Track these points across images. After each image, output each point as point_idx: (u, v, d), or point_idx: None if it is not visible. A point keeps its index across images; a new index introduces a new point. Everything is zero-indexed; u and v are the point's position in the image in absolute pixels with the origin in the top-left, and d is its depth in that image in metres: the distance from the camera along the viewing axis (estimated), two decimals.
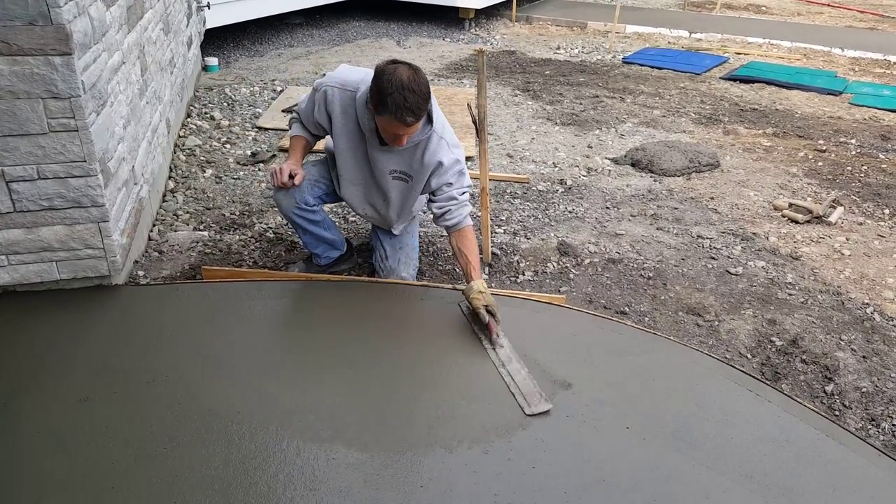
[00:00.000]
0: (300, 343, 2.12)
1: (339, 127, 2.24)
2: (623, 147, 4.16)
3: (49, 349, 2.02)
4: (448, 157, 2.20)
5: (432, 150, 2.18)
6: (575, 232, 3.09)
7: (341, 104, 2.19)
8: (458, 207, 2.25)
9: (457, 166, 2.24)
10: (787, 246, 3.07)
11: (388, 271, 2.50)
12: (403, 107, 1.93)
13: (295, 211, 2.38)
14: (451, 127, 2.30)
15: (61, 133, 2.03)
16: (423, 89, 1.97)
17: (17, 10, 1.85)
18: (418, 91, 1.95)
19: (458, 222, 2.25)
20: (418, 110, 1.97)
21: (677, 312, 2.54)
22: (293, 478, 1.62)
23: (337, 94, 2.19)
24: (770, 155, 4.14)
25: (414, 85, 1.94)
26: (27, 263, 2.18)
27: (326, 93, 2.21)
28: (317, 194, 2.42)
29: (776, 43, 7.05)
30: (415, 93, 1.94)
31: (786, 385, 2.21)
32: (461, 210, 2.25)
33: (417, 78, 1.96)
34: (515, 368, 2.01)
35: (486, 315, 2.11)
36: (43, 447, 1.68)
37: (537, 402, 1.87)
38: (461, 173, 2.26)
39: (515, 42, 7.00)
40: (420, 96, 1.95)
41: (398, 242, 2.53)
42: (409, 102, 1.93)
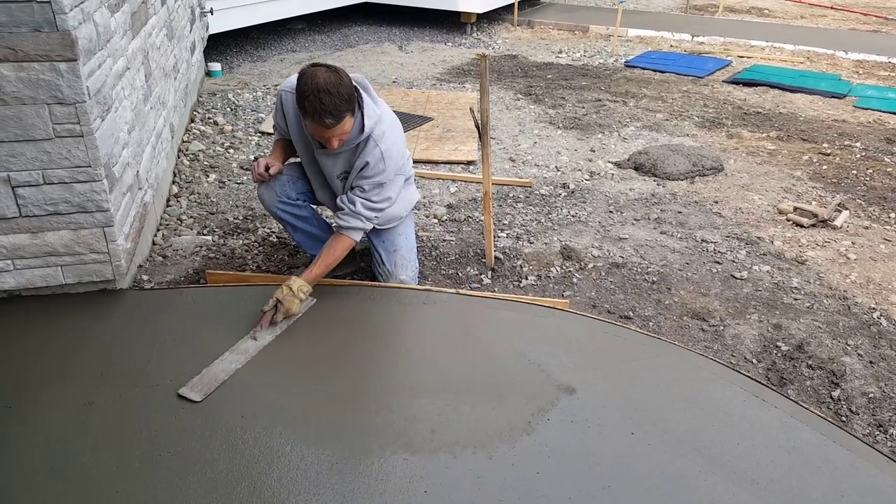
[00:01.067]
0: (303, 347, 2.12)
1: (295, 131, 2.29)
2: (626, 151, 4.16)
3: (54, 353, 2.03)
4: (374, 161, 2.17)
5: (365, 152, 2.18)
6: (578, 236, 3.08)
7: (294, 108, 2.20)
8: (351, 216, 2.21)
9: (378, 177, 2.19)
10: (792, 250, 3.06)
11: (387, 276, 2.50)
12: (320, 109, 1.97)
13: (278, 205, 2.40)
14: (400, 144, 2.26)
15: (67, 138, 2.04)
16: (340, 90, 1.98)
17: (24, 17, 1.86)
18: (335, 93, 1.96)
19: (339, 226, 2.25)
20: (336, 111, 1.98)
21: (682, 317, 2.54)
22: (297, 482, 1.62)
23: (290, 98, 2.22)
24: (774, 158, 4.13)
25: (331, 87, 1.96)
26: (32, 268, 2.19)
27: (282, 97, 2.27)
28: (300, 189, 2.43)
29: (779, 46, 7.04)
30: (331, 94, 1.96)
31: (792, 390, 2.19)
32: (352, 220, 2.21)
33: (335, 79, 1.98)
34: (229, 360, 1.98)
35: (271, 304, 2.11)
36: (47, 451, 1.68)
37: (196, 391, 1.85)
38: (379, 187, 2.20)
39: (517, 46, 7.01)
40: (337, 97, 1.97)
41: (391, 245, 2.51)
42: (325, 104, 1.96)
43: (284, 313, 2.13)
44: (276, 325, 2.13)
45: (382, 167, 2.18)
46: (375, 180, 2.19)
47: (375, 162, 2.17)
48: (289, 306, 2.12)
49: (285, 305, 2.11)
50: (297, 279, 2.17)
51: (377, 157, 2.16)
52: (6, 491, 1.57)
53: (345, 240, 2.24)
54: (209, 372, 1.92)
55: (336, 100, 1.97)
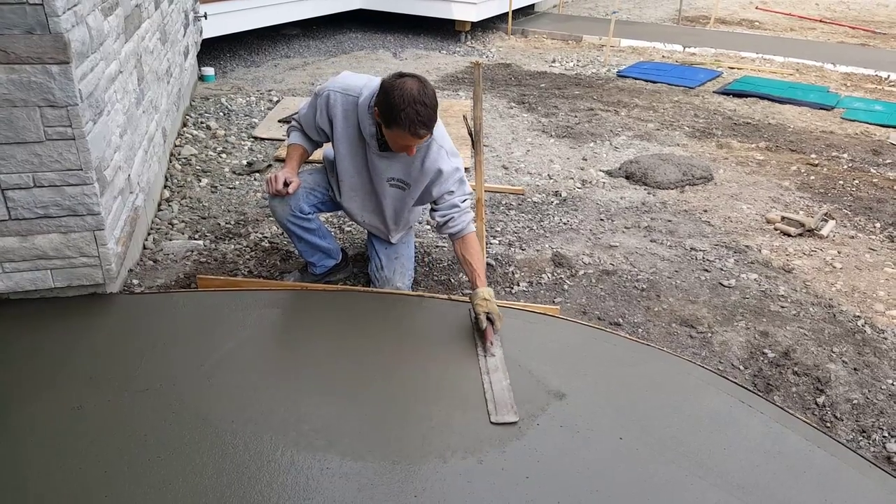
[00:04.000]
0: (295, 352, 2.12)
1: (341, 132, 2.26)
2: (617, 160, 4.19)
3: (43, 357, 2.01)
4: (448, 165, 2.22)
5: (432, 158, 2.20)
6: (569, 243, 3.11)
7: (343, 109, 2.21)
8: (460, 214, 2.26)
9: (457, 174, 2.25)
10: (779, 259, 3.09)
11: (384, 281, 2.51)
12: (416, 121, 1.96)
13: (290, 219, 2.39)
14: (449, 136, 2.31)
15: (58, 141, 2.03)
16: (432, 101, 2.00)
17: (16, 19, 1.86)
18: (429, 104, 1.98)
19: (461, 229, 2.27)
20: (430, 122, 2.01)
21: (671, 324, 2.56)
22: (287, 487, 1.62)
23: (339, 99, 2.21)
24: (763, 168, 4.18)
25: (424, 98, 1.97)
26: (21, 271, 2.18)
27: (329, 97, 2.23)
28: (312, 202, 2.43)
29: (769, 58, 7.13)
30: (426, 105, 1.97)
31: (778, 396, 2.22)
32: (464, 217, 2.27)
33: (426, 90, 1.99)
34: (498, 378, 2.01)
35: (484, 321, 2.13)
36: (36, 455, 1.67)
37: (505, 413, 1.88)
38: (462, 181, 2.27)
39: (511, 55, 7.06)
40: (431, 108, 1.99)
41: (394, 252, 2.53)
42: (421, 116, 1.96)
43: (500, 320, 2.16)
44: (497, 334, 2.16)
45: (456, 165, 2.23)
46: (456, 178, 2.25)
47: (449, 166, 2.21)
48: (497, 312, 2.16)
49: (495, 313, 2.15)
50: (484, 288, 2.19)
51: (447, 160, 2.21)
52: None
53: (471, 236, 2.30)
54: (497, 397, 1.94)
55: (430, 111, 1.98)
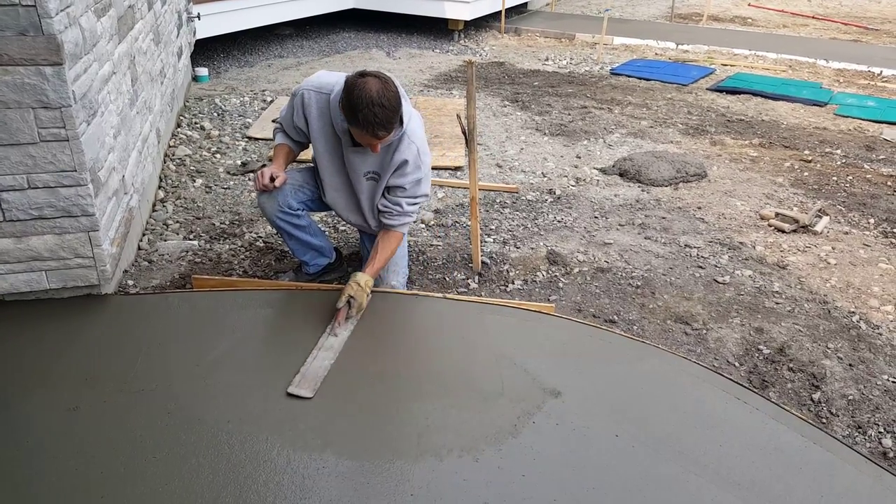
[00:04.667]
0: (289, 352, 2.12)
1: (317, 130, 2.27)
2: (611, 157, 4.20)
3: (38, 358, 2.01)
4: (412, 161, 2.21)
5: (402, 150, 2.20)
6: (564, 241, 3.11)
7: (317, 107, 2.22)
8: (399, 215, 2.28)
9: (416, 173, 2.23)
10: (773, 255, 3.11)
11: (378, 280, 2.51)
12: (374, 122, 1.98)
13: (278, 215, 2.40)
14: (424, 133, 2.30)
15: (52, 143, 2.03)
16: (392, 103, 1.99)
17: (8, 21, 1.86)
18: (388, 105, 1.98)
19: (392, 226, 2.30)
20: (388, 123, 2.01)
21: (665, 321, 2.57)
22: (283, 487, 1.62)
23: (313, 97, 2.22)
24: (756, 165, 4.20)
25: (383, 100, 1.97)
26: (16, 273, 2.17)
27: (303, 96, 2.25)
28: (301, 199, 2.43)
29: (762, 54, 7.15)
30: (384, 107, 1.97)
31: (773, 393, 2.23)
32: (401, 218, 2.29)
33: (386, 91, 1.98)
34: (322, 356, 2.03)
35: (343, 300, 2.17)
36: (31, 456, 1.66)
37: (304, 388, 1.90)
38: (417, 184, 2.26)
39: (504, 53, 7.06)
40: (389, 110, 1.99)
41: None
42: (379, 118, 1.98)
43: (358, 308, 2.19)
44: (350, 320, 2.19)
45: (420, 163, 2.22)
46: (415, 177, 2.23)
47: (414, 159, 2.20)
48: (360, 300, 2.18)
49: (357, 300, 2.17)
50: (362, 274, 2.21)
51: (415, 154, 2.20)
52: None
53: (397, 234, 2.32)
54: (309, 370, 1.96)
55: (388, 112, 1.98)
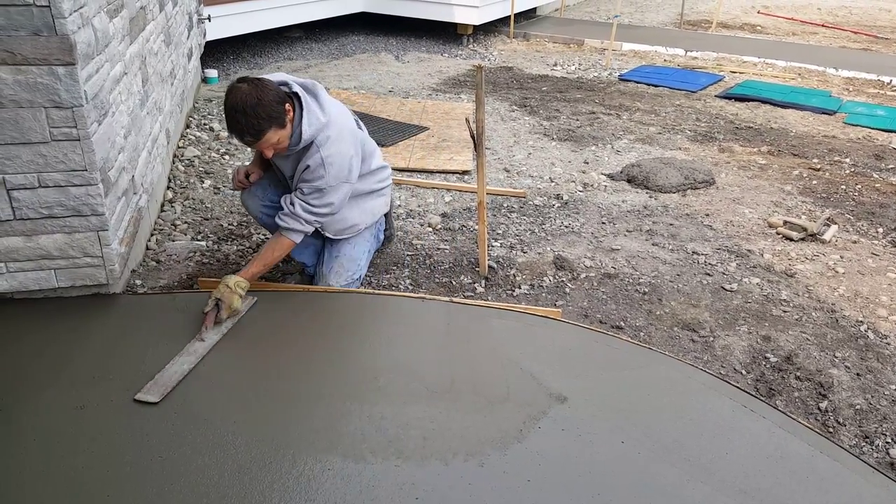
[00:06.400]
0: (296, 353, 2.12)
1: None
2: (619, 163, 4.20)
3: (46, 357, 2.02)
4: (314, 166, 2.19)
5: (307, 156, 2.21)
6: (571, 246, 3.11)
7: None
8: (288, 217, 2.25)
9: (318, 181, 2.21)
10: (781, 263, 3.09)
11: (319, 277, 2.52)
12: (235, 128, 2.05)
13: (262, 210, 2.40)
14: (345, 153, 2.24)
15: (63, 142, 2.04)
16: (257, 110, 2.01)
17: (23, 21, 1.87)
18: (251, 112, 2.01)
19: (279, 227, 2.28)
20: (253, 130, 2.04)
21: (672, 328, 2.56)
22: (289, 488, 1.62)
23: None
24: (765, 173, 4.19)
25: (247, 107, 2.00)
26: (26, 271, 2.19)
27: None
28: (282, 193, 2.42)
29: (771, 62, 7.13)
30: (247, 114, 2.01)
31: (780, 401, 2.22)
32: (289, 221, 2.25)
33: (253, 98, 2.01)
34: (181, 361, 2.01)
35: (211, 304, 2.15)
36: (39, 454, 1.67)
37: (151, 393, 1.87)
38: (319, 192, 2.22)
39: (513, 58, 7.07)
40: (254, 117, 2.02)
41: (335, 250, 2.52)
42: (240, 124, 2.03)
43: (227, 310, 2.16)
44: (220, 324, 2.16)
45: (322, 173, 2.19)
46: (314, 184, 2.21)
47: (315, 167, 2.19)
48: (229, 302, 2.15)
49: (226, 302, 2.15)
50: (233, 276, 2.21)
51: (317, 163, 2.19)
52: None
53: (283, 240, 2.28)
54: (163, 375, 1.94)
55: (252, 119, 2.02)
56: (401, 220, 3.29)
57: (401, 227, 3.20)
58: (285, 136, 2.15)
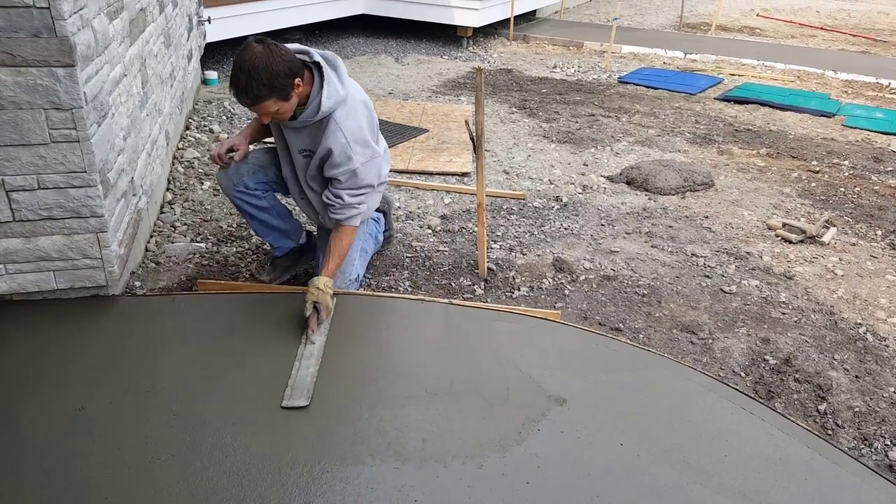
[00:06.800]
0: (293, 355, 2.12)
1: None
2: (618, 165, 4.20)
3: (45, 358, 2.02)
4: (338, 149, 2.13)
5: (327, 135, 2.15)
6: (570, 248, 3.11)
7: None
8: (343, 208, 2.23)
9: (348, 164, 2.15)
10: (780, 265, 3.10)
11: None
12: (236, 87, 1.96)
13: (235, 193, 2.37)
14: (364, 126, 2.18)
15: (62, 143, 2.04)
16: (262, 74, 1.92)
17: (22, 22, 1.87)
18: (255, 75, 1.92)
19: (339, 220, 2.26)
20: (251, 93, 1.95)
21: (671, 330, 2.56)
22: (288, 490, 1.62)
23: None
24: (764, 175, 4.19)
25: (252, 69, 1.91)
26: (25, 272, 2.18)
27: None
28: (261, 180, 2.39)
29: (770, 65, 7.15)
30: (250, 75, 1.92)
31: (779, 403, 2.22)
32: (345, 211, 2.23)
33: (264, 60, 1.92)
34: (307, 364, 2.02)
35: (309, 308, 2.14)
36: (37, 456, 1.67)
37: (297, 398, 1.89)
38: (353, 175, 2.17)
39: (512, 60, 7.08)
40: (257, 80, 1.92)
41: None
42: (240, 83, 1.94)
43: (326, 311, 2.16)
44: (321, 325, 2.17)
45: (349, 154, 2.14)
46: (347, 168, 2.15)
47: (340, 150, 2.12)
48: (325, 303, 2.15)
49: (323, 303, 2.15)
50: (322, 277, 2.18)
51: (342, 145, 2.11)
52: None
53: (346, 229, 2.27)
54: (297, 381, 1.96)
55: (254, 82, 1.92)
56: (400, 221, 3.29)
57: (400, 229, 3.20)
58: (287, 108, 2.06)
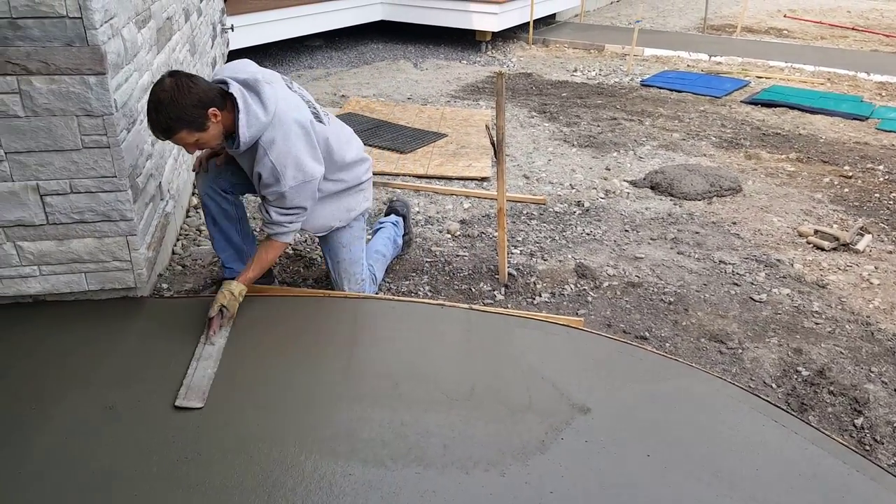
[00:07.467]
0: (317, 358, 2.12)
1: None
2: (642, 170, 4.15)
3: (76, 357, 2.05)
4: (266, 174, 2.12)
5: (257, 160, 2.14)
6: (593, 254, 3.07)
7: None
8: (270, 225, 2.24)
9: (276, 187, 2.13)
10: (812, 273, 3.02)
11: (335, 284, 2.54)
12: (148, 122, 2.01)
13: (207, 191, 2.38)
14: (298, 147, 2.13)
15: (94, 149, 2.08)
16: (168, 108, 1.94)
17: (56, 32, 1.92)
18: (162, 110, 1.95)
19: (268, 234, 2.29)
20: (160, 128, 1.99)
21: (699, 339, 2.51)
22: (311, 492, 1.62)
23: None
24: (794, 180, 4.10)
25: (160, 105, 1.94)
26: (58, 274, 2.23)
27: None
28: (237, 184, 2.39)
29: (799, 67, 7.00)
30: (157, 111, 1.95)
31: (813, 417, 2.15)
32: (273, 227, 2.24)
33: (172, 95, 1.94)
34: (204, 366, 2.02)
35: (215, 310, 2.16)
36: (68, 453, 1.69)
37: (193, 399, 1.88)
38: (282, 196, 2.16)
39: (532, 64, 7.05)
40: (163, 114, 1.95)
41: (335, 256, 2.51)
42: (150, 117, 1.99)
43: (230, 317, 2.20)
44: (223, 328, 2.19)
45: (277, 178, 2.12)
46: (274, 190, 2.16)
47: (268, 175, 2.13)
48: (233, 310, 2.20)
49: (230, 310, 2.19)
50: (236, 283, 2.22)
51: (269, 169, 2.11)
52: (25, 491, 1.58)
53: (274, 243, 2.29)
54: (193, 381, 1.96)
55: (162, 116, 1.96)
56: (419, 226, 3.29)
57: (419, 234, 3.20)
58: (208, 137, 2.05)
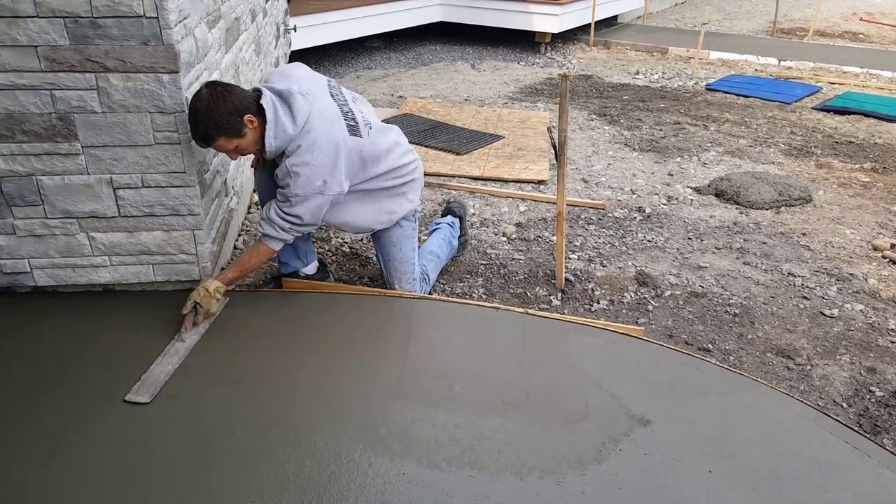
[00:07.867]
0: (373, 356, 2.14)
1: None
2: (706, 176, 4.01)
3: (142, 346, 2.13)
4: (282, 175, 2.14)
5: (282, 163, 2.17)
6: (654, 262, 2.98)
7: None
8: (264, 221, 2.22)
9: (286, 191, 2.14)
10: (888, 290, 2.84)
11: (387, 283, 2.56)
12: (191, 130, 2.08)
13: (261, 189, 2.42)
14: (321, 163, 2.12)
15: (165, 145, 2.16)
16: (204, 117, 2.02)
17: (133, 31, 2.00)
18: (200, 120, 2.03)
19: (260, 235, 2.27)
20: (200, 135, 2.07)
21: (765, 353, 2.40)
22: (364, 489, 1.62)
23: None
24: (868, 191, 3.88)
25: (198, 114, 2.03)
26: (127, 265, 2.33)
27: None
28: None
29: (875, 73, 6.63)
30: (195, 120, 2.04)
31: (887, 440, 2.02)
32: (264, 225, 2.22)
33: (209, 104, 2.02)
34: (167, 362, 2.00)
35: (189, 306, 2.15)
36: (132, 438, 1.76)
37: (142, 394, 1.88)
38: (286, 199, 2.15)
39: (592, 66, 6.94)
40: (201, 123, 2.03)
41: (386, 255, 2.53)
42: (191, 128, 2.07)
43: (204, 314, 2.21)
44: (197, 326, 2.21)
45: (288, 181, 2.14)
46: (284, 192, 2.17)
47: (283, 175, 2.16)
48: (207, 307, 2.20)
49: (204, 307, 2.20)
50: (213, 281, 2.24)
51: (284, 172, 2.15)
52: (91, 469, 1.66)
53: (261, 247, 2.27)
54: (150, 376, 1.97)
55: (201, 126, 2.04)
56: (475, 228, 3.27)
57: (475, 236, 3.19)
58: (246, 143, 2.12)
